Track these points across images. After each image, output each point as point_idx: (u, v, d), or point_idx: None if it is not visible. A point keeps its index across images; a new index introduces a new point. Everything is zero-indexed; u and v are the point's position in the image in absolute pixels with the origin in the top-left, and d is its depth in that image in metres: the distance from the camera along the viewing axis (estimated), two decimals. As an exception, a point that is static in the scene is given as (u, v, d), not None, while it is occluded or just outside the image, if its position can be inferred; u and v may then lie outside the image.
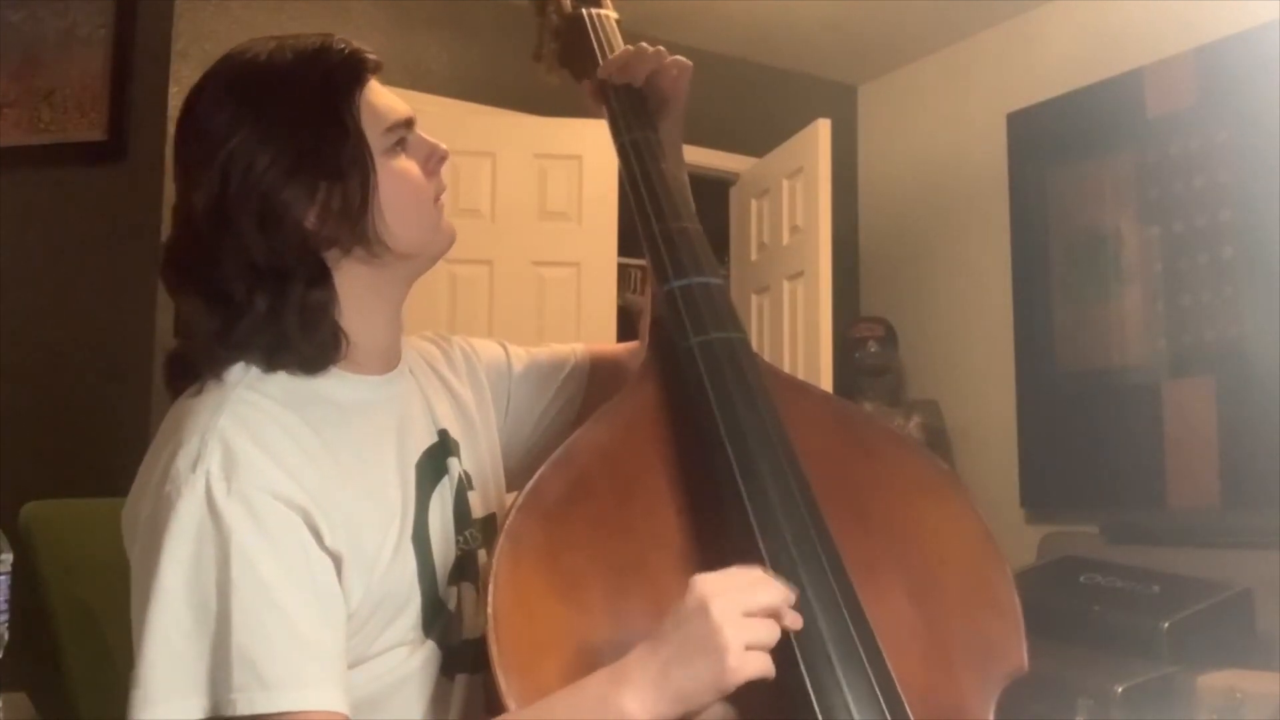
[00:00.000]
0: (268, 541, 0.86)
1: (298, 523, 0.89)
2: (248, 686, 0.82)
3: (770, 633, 0.81)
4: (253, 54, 1.00)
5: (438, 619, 1.01)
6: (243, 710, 0.82)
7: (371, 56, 1.02)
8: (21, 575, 1.07)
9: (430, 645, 1.00)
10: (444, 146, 1.06)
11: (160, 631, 0.84)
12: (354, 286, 1.00)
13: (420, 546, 1.00)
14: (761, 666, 0.80)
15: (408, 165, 1.03)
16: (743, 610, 0.80)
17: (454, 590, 1.03)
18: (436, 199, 1.06)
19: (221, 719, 0.83)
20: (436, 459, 1.06)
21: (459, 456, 1.10)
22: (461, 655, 1.01)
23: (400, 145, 1.02)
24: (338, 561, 0.91)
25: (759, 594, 0.82)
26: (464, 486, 1.08)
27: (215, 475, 0.87)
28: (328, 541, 0.90)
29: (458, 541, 1.04)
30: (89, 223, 3.12)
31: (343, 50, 1.00)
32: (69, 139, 3.16)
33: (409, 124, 1.03)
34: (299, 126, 0.96)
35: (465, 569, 1.04)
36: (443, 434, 1.09)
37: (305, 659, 0.85)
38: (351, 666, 0.92)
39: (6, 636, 0.99)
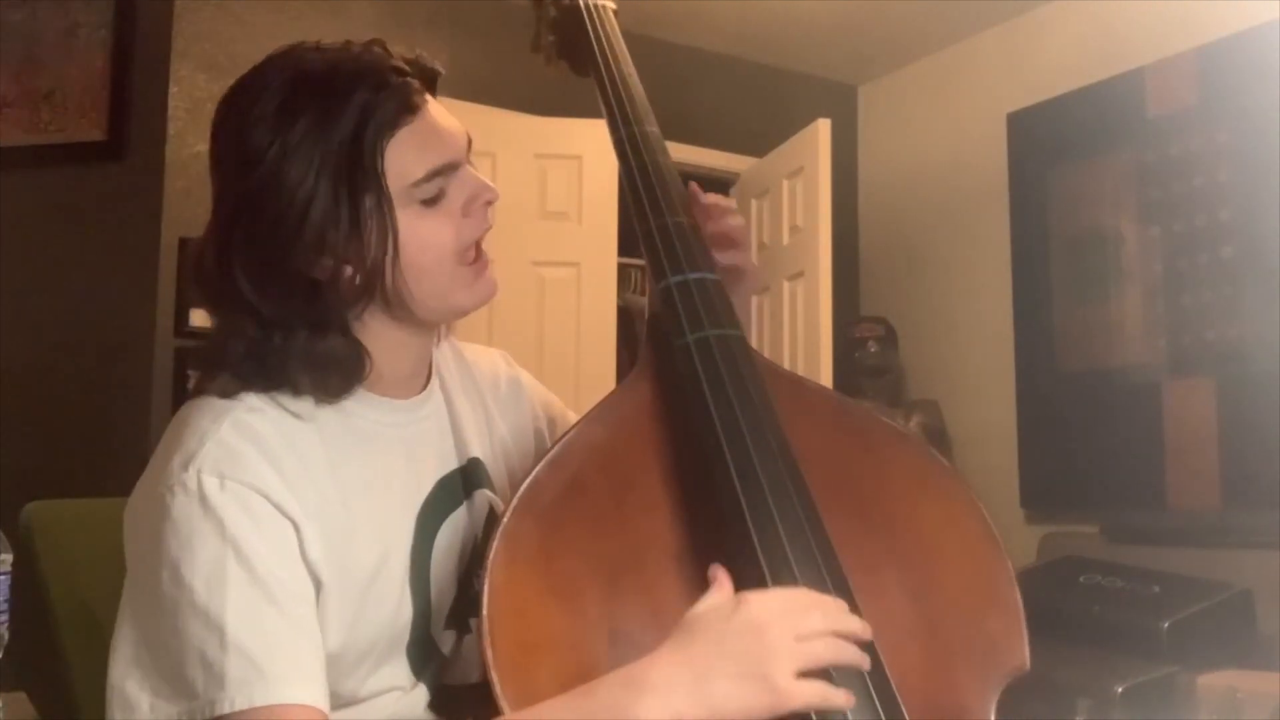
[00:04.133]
0: (260, 535, 0.85)
1: (287, 525, 0.87)
2: (246, 681, 0.80)
3: (831, 655, 0.79)
4: (300, 61, 0.92)
5: (429, 663, 0.99)
6: (241, 705, 0.80)
7: (419, 97, 0.93)
8: (21, 575, 1.07)
9: (422, 689, 0.98)
10: (494, 188, 0.99)
11: (141, 633, 0.83)
12: (376, 328, 0.96)
13: (418, 588, 0.97)
14: (816, 695, 0.78)
15: (436, 226, 0.94)
16: (797, 635, 0.78)
17: (451, 634, 1.01)
18: (477, 244, 0.99)
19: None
20: (451, 487, 1.02)
21: (491, 487, 1.05)
22: (460, 699, 0.99)
23: (438, 197, 0.94)
24: (317, 585, 0.88)
25: (813, 618, 0.80)
26: (493, 518, 1.03)
27: (207, 472, 0.85)
28: (311, 559, 0.88)
29: (473, 581, 1.00)
30: (89, 223, 3.12)
31: (392, 83, 0.91)
32: (69, 139, 3.16)
33: (453, 166, 0.95)
34: (320, 182, 0.88)
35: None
36: (472, 462, 1.05)
37: (303, 652, 0.84)
38: (342, 707, 0.91)
39: (6, 636, 0.99)
